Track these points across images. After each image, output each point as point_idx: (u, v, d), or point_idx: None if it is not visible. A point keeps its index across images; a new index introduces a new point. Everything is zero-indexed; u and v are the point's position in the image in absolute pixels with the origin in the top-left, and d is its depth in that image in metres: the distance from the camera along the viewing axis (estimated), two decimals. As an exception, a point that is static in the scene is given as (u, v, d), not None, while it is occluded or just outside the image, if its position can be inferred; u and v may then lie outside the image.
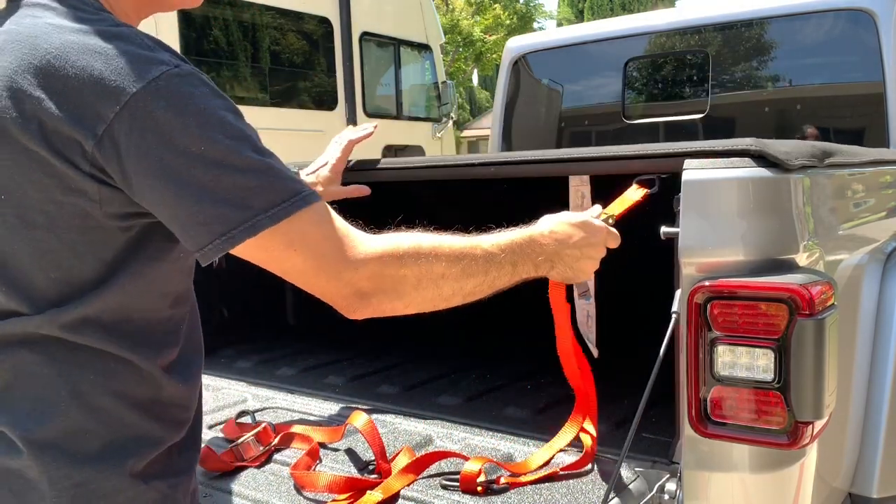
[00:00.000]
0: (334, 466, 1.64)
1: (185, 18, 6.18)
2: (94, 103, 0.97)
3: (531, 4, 28.64)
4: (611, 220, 1.49)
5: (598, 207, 1.52)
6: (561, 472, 1.52)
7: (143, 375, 1.10)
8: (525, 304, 1.80)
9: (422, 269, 1.14)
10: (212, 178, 0.99)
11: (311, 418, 1.95)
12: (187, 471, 1.18)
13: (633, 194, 1.53)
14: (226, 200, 1.00)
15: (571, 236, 1.36)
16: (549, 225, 1.36)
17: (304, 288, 1.10)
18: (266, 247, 1.04)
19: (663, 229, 1.40)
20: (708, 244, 1.34)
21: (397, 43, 8.29)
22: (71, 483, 1.04)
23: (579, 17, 28.90)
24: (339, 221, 1.11)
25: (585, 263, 1.39)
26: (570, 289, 1.74)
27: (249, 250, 1.04)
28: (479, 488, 1.47)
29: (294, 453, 1.70)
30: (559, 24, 28.41)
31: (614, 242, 1.44)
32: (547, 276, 1.37)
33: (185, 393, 1.17)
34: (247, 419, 1.91)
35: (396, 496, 1.48)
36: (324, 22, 7.35)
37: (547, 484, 1.49)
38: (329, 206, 1.11)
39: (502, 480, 1.49)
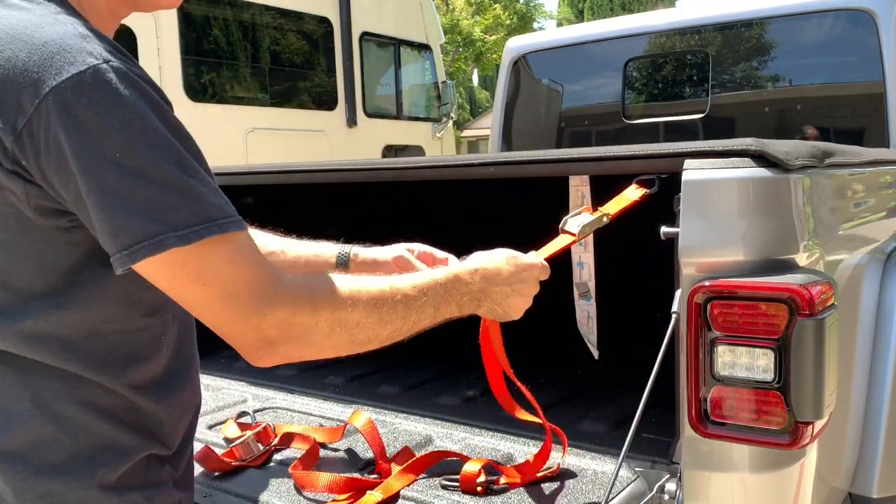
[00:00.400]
0: (334, 466, 1.64)
1: (185, 18, 6.18)
2: (18, 95, 0.91)
3: (531, 4, 28.64)
4: (605, 220, 1.49)
5: (533, 254, 1.44)
6: (542, 476, 1.51)
7: (111, 390, 1.05)
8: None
9: (336, 317, 1.06)
10: (125, 187, 0.92)
11: (311, 418, 1.95)
12: (170, 483, 1.13)
13: (632, 194, 1.53)
14: (136, 212, 0.92)
15: (500, 273, 1.29)
16: (478, 262, 1.29)
17: (210, 327, 1.01)
18: (173, 273, 0.96)
19: (663, 229, 1.40)
20: (708, 244, 1.34)
21: (397, 43, 8.29)
22: (35, 495, 1.01)
23: (579, 17, 28.89)
24: (257, 258, 1.02)
25: (516, 300, 1.32)
26: (570, 289, 1.74)
27: (156, 272, 0.96)
28: (479, 488, 1.47)
29: (294, 453, 1.70)
30: (559, 24, 28.41)
31: (545, 275, 1.37)
32: (475, 313, 1.31)
33: (165, 409, 1.11)
34: (247, 419, 1.91)
35: (396, 496, 1.48)
36: (324, 22, 7.35)
37: (547, 484, 1.49)
38: (252, 240, 1.03)
39: (502, 481, 1.49)
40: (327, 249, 1.57)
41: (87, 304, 1.02)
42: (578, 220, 1.51)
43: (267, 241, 1.54)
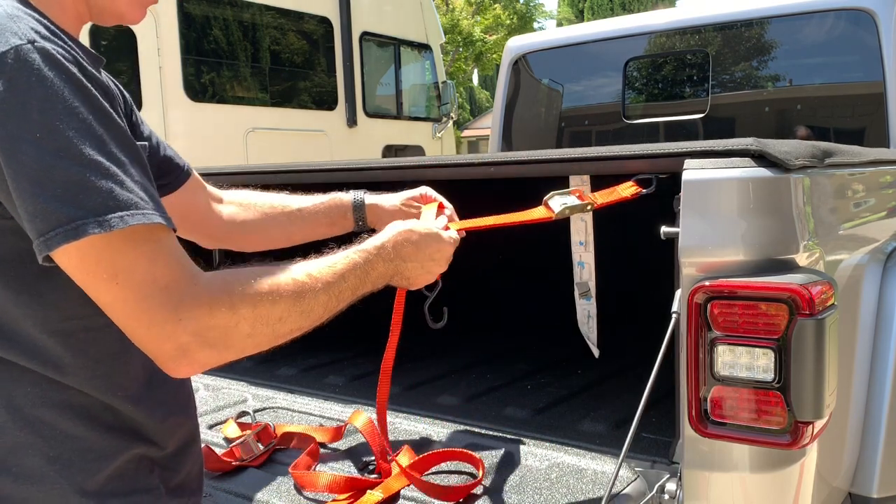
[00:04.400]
0: (334, 466, 1.64)
1: (186, 18, 6.18)
2: None
3: (531, 4, 28.63)
4: (589, 208, 1.50)
5: (443, 219, 1.53)
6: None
7: (85, 392, 1.02)
8: (526, 304, 1.80)
9: (258, 314, 0.99)
10: (42, 170, 0.87)
11: (311, 418, 1.95)
12: (162, 489, 1.09)
13: (626, 190, 1.53)
14: (53, 196, 0.87)
15: (416, 253, 1.31)
16: (395, 239, 1.28)
17: (125, 332, 0.95)
18: (87, 266, 0.90)
19: (663, 229, 1.40)
20: (708, 244, 1.34)
21: (397, 43, 8.28)
22: (13, 502, 0.99)
23: (579, 17, 28.89)
24: (179, 258, 0.96)
25: (424, 277, 1.36)
26: (571, 287, 1.74)
27: (70, 263, 0.90)
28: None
29: (294, 453, 1.70)
30: (559, 24, 28.40)
31: (453, 247, 1.41)
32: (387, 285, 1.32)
33: (146, 409, 1.08)
34: (247, 419, 1.91)
35: (396, 496, 1.48)
36: (324, 22, 7.35)
37: (547, 484, 1.49)
38: (176, 241, 0.98)
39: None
40: (342, 196, 1.63)
41: (45, 299, 0.99)
42: (564, 199, 1.51)
43: (270, 198, 1.60)
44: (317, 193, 1.67)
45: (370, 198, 1.64)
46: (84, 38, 4.97)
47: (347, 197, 1.65)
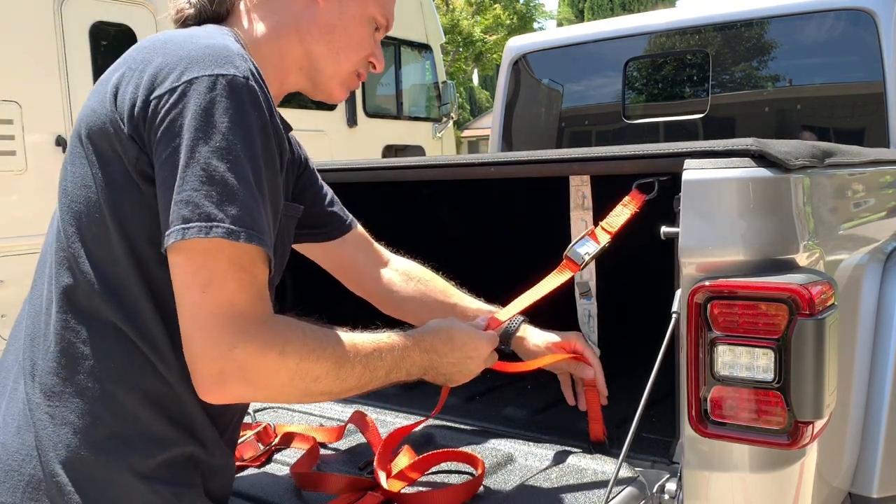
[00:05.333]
0: (334, 466, 1.64)
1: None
2: (166, 76, 1.07)
3: (531, 4, 28.62)
4: (608, 244, 1.51)
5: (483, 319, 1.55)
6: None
7: (163, 378, 1.10)
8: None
9: (301, 368, 1.08)
10: (210, 172, 1.01)
11: (311, 418, 1.95)
12: (201, 488, 1.15)
13: (631, 204, 1.54)
14: (207, 195, 1.00)
15: (452, 352, 1.37)
16: (434, 333, 1.36)
17: (183, 337, 1.04)
18: (190, 266, 1.01)
19: (663, 229, 1.40)
20: (708, 244, 1.34)
21: (397, 43, 8.28)
22: (70, 464, 1.06)
23: (579, 17, 28.89)
24: (262, 294, 1.06)
25: (460, 375, 1.41)
26: (571, 287, 1.74)
27: (180, 258, 1.02)
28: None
29: (294, 453, 1.70)
30: (559, 24, 28.40)
31: (491, 347, 1.46)
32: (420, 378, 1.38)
33: (213, 420, 1.16)
34: (247, 419, 1.91)
35: (396, 496, 1.47)
36: (324, 22, 7.34)
37: (547, 484, 1.49)
38: (266, 282, 1.07)
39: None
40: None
41: (165, 284, 1.07)
42: (584, 248, 1.55)
43: (433, 281, 1.71)
44: (476, 298, 1.72)
45: (525, 328, 1.66)
46: (84, 38, 4.98)
47: (502, 316, 1.62)
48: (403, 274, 1.69)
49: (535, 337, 1.66)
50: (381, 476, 1.47)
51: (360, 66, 1.37)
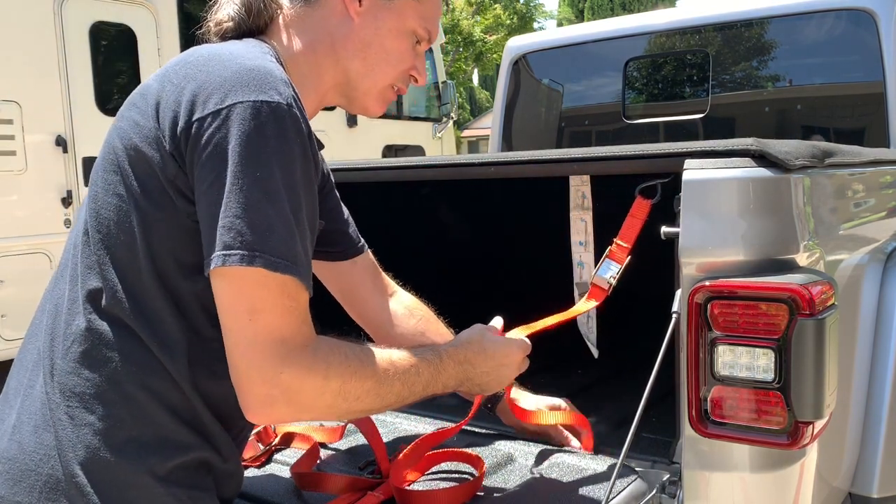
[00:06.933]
0: (334, 466, 1.64)
1: (186, 18, 6.18)
2: (207, 98, 1.08)
3: (531, 4, 28.62)
4: (629, 259, 1.52)
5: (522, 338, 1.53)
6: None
7: (179, 386, 1.12)
8: (526, 305, 1.80)
9: (344, 389, 1.11)
10: (251, 200, 1.03)
11: (312, 418, 1.94)
12: (214, 492, 1.17)
13: (639, 213, 1.54)
14: (250, 223, 1.02)
15: (485, 362, 1.38)
16: (465, 344, 1.37)
17: (229, 361, 1.07)
18: (235, 292, 1.04)
19: (664, 229, 1.40)
20: (708, 244, 1.34)
21: (397, 43, 8.28)
22: (92, 465, 1.07)
23: (579, 17, 28.89)
24: (305, 319, 1.09)
25: (493, 384, 1.43)
26: (571, 286, 1.74)
27: (224, 282, 1.05)
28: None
29: (294, 453, 1.70)
30: (559, 24, 28.40)
31: (524, 353, 1.47)
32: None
33: (227, 429, 1.18)
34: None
35: (398, 495, 1.47)
36: (324, 22, 7.34)
37: (547, 484, 1.49)
38: (308, 305, 1.10)
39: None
40: None
41: (193, 301, 1.11)
42: (608, 271, 1.58)
43: (432, 322, 1.68)
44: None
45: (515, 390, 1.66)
46: (84, 38, 4.98)
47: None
48: (407, 309, 1.67)
49: (527, 401, 1.68)
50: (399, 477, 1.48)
51: (398, 80, 1.37)
